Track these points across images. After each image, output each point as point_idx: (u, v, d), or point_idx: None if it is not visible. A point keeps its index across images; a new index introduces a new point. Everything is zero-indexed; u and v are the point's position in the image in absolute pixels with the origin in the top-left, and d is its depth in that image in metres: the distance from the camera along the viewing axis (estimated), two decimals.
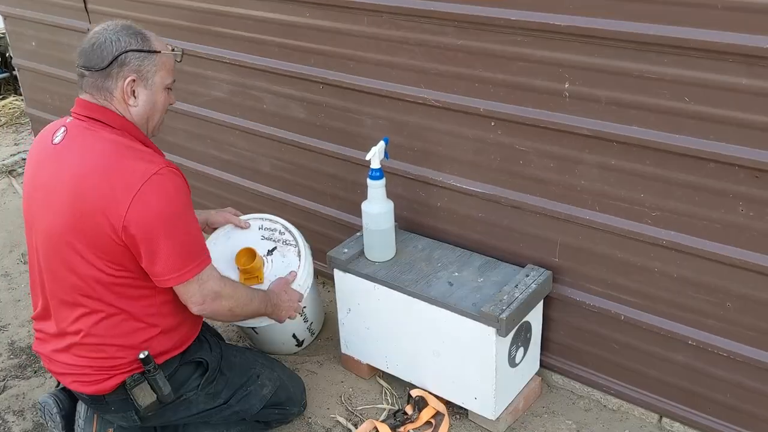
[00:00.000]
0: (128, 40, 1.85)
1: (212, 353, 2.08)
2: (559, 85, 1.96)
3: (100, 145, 1.82)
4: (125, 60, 1.84)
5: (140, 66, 1.86)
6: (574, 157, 2.03)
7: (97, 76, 1.85)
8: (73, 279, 1.85)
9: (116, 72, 1.84)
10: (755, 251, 1.83)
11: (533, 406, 2.32)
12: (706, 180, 1.83)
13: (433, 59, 2.18)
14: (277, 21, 2.54)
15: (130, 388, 1.89)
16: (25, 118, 4.79)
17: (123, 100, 1.87)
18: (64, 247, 1.82)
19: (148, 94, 1.90)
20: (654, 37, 1.74)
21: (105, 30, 1.86)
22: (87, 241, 1.80)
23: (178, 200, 1.82)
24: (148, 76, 1.88)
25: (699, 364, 2.04)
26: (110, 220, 1.76)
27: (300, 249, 2.42)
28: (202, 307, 1.92)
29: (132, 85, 1.86)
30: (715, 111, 1.74)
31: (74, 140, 1.85)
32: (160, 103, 1.94)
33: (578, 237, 2.12)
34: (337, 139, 2.59)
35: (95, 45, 1.84)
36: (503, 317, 2.00)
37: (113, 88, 1.86)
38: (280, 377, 2.21)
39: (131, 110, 1.89)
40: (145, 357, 1.88)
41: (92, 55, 1.84)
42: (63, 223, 1.81)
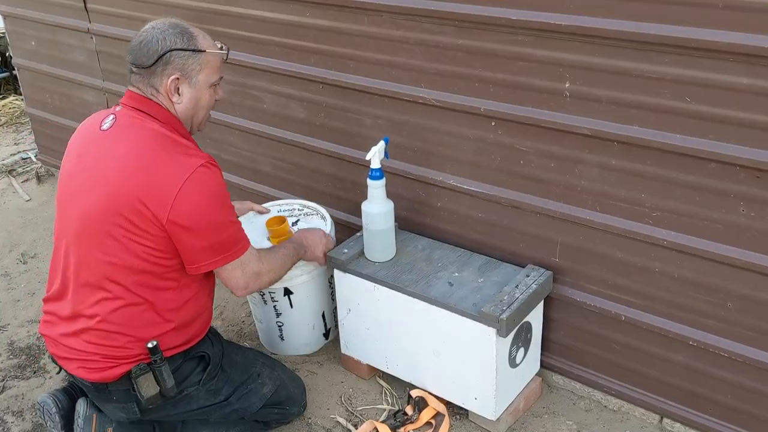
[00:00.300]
0: (174, 39, 1.91)
1: (214, 348, 2.09)
2: (560, 85, 1.95)
3: (147, 135, 1.90)
4: (170, 59, 1.90)
5: (184, 64, 1.92)
6: (574, 157, 2.02)
7: (144, 72, 1.93)
8: (104, 262, 1.88)
9: (161, 70, 1.91)
10: (756, 251, 1.82)
11: (534, 407, 2.32)
12: (707, 180, 1.82)
13: (433, 59, 2.18)
14: (276, 20, 2.54)
15: (135, 377, 1.91)
16: (25, 118, 4.79)
17: (167, 97, 1.95)
18: (102, 229, 1.86)
19: (192, 92, 1.96)
20: (655, 36, 1.74)
21: (153, 28, 1.93)
22: (127, 224, 1.85)
23: (220, 193, 1.91)
24: (192, 74, 1.94)
25: (700, 365, 2.03)
26: (154, 210, 1.82)
27: (323, 213, 2.56)
28: (247, 290, 2.05)
29: (176, 83, 1.93)
30: (715, 111, 1.74)
31: (122, 128, 1.92)
32: (204, 100, 2.00)
33: (579, 237, 2.12)
34: (337, 138, 2.59)
35: (143, 43, 1.91)
36: (503, 318, 1.99)
37: (158, 85, 1.93)
38: (280, 377, 2.20)
39: (176, 107, 1.97)
40: (153, 347, 1.90)
41: (139, 52, 1.91)
42: (104, 207, 1.86)
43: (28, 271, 3.21)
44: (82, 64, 3.43)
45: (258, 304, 2.52)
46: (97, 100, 3.46)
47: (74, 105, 3.62)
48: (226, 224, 1.94)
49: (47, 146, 3.97)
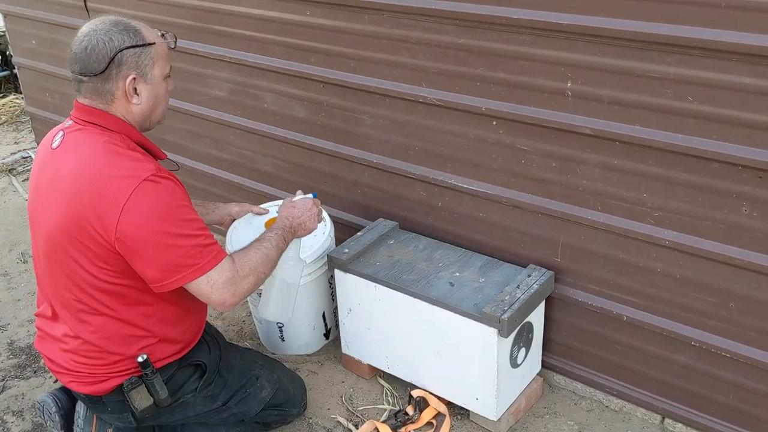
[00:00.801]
0: (121, 38, 1.79)
1: (211, 355, 2.07)
2: (562, 85, 1.95)
3: (92, 153, 1.79)
4: (122, 59, 1.78)
5: (137, 62, 1.81)
6: (576, 157, 2.01)
7: (96, 80, 1.80)
8: (70, 284, 1.83)
9: (115, 73, 1.79)
10: (759, 252, 1.82)
11: (535, 407, 2.31)
12: (710, 180, 1.82)
13: (434, 58, 2.17)
14: (277, 19, 2.53)
15: (127, 391, 1.88)
16: (26, 117, 4.78)
17: (125, 100, 1.83)
18: (61, 251, 1.81)
19: (150, 89, 1.86)
20: (657, 36, 1.73)
21: (95, 31, 1.80)
22: (81, 247, 1.77)
23: (167, 207, 1.77)
24: (147, 70, 1.83)
25: (701, 365, 2.03)
26: (102, 230, 1.73)
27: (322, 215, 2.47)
28: (226, 304, 1.86)
29: (133, 83, 1.82)
30: (718, 111, 1.73)
31: (69, 145, 1.83)
32: (161, 94, 1.91)
33: (580, 237, 2.11)
34: (338, 138, 2.58)
35: (88, 48, 1.78)
36: (505, 318, 1.99)
37: (114, 89, 1.81)
38: (279, 379, 2.19)
39: (134, 108, 1.85)
40: (143, 361, 1.87)
41: (87, 60, 1.78)
42: (59, 228, 1.79)
43: (28, 270, 3.20)
44: None
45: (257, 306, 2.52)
46: None
47: (73, 104, 3.60)
48: (178, 238, 1.77)
49: None
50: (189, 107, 3.01)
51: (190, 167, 3.17)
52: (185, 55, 2.90)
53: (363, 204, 2.63)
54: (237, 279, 1.86)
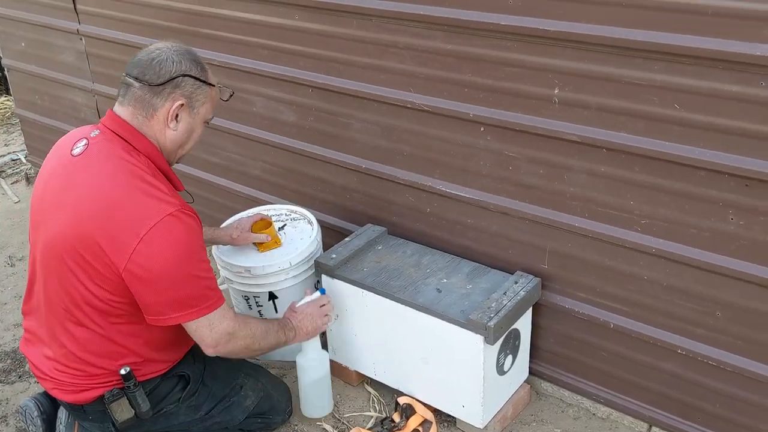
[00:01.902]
0: (189, 66, 1.83)
1: (195, 365, 2.05)
2: (549, 91, 1.94)
3: (118, 170, 1.76)
4: (181, 83, 1.81)
5: (192, 93, 1.84)
6: (563, 164, 2.01)
7: (147, 90, 1.80)
8: (62, 293, 1.82)
9: (168, 92, 1.81)
10: (745, 260, 1.81)
11: (522, 414, 2.30)
12: (696, 188, 1.81)
13: (422, 63, 2.16)
14: (266, 23, 2.52)
15: (108, 403, 1.86)
16: (16, 119, 4.76)
17: (164, 122, 1.83)
18: (59, 261, 1.79)
19: (189, 122, 1.87)
20: (643, 43, 1.73)
21: (168, 49, 1.83)
22: (83, 263, 1.75)
23: (188, 245, 1.75)
24: (196, 105, 1.86)
25: (688, 374, 2.02)
26: (111, 255, 1.71)
27: (310, 219, 2.52)
28: (216, 349, 1.88)
29: (179, 108, 1.83)
30: (704, 118, 1.73)
31: (92, 157, 1.80)
32: (196, 133, 1.92)
33: (567, 244, 2.10)
34: (327, 142, 2.57)
35: (155, 60, 1.80)
36: (491, 325, 1.97)
37: (159, 106, 1.81)
38: (264, 387, 2.17)
39: (168, 134, 1.85)
40: (126, 373, 1.85)
41: (149, 68, 1.80)
42: (63, 239, 1.77)
43: (15, 273, 3.18)
44: (71, 66, 3.41)
45: (243, 309, 2.50)
46: (86, 101, 3.44)
47: (63, 106, 3.59)
48: (191, 279, 1.77)
49: (37, 147, 3.94)
50: None
51: (180, 171, 3.15)
52: None
53: (351, 209, 2.62)
54: (238, 332, 1.90)
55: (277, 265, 2.34)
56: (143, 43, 2.94)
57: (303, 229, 2.51)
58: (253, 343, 1.96)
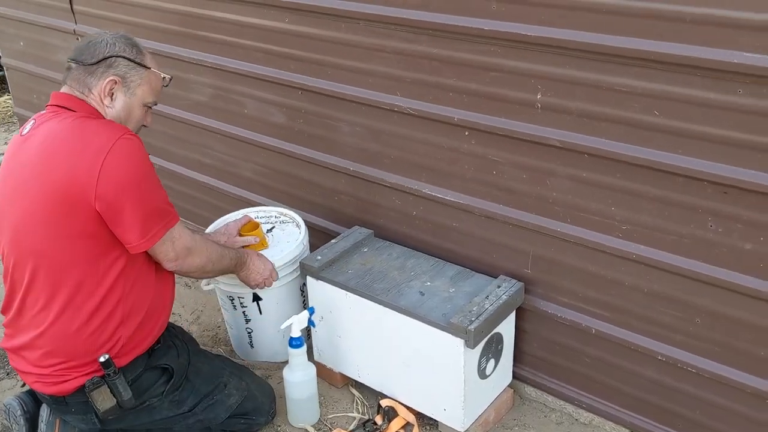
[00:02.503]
0: (123, 47, 1.93)
1: (179, 359, 2.07)
2: (532, 96, 1.95)
3: (63, 122, 1.85)
4: (113, 63, 1.91)
5: (126, 73, 1.93)
6: (546, 169, 2.01)
7: (82, 70, 1.91)
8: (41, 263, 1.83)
9: (101, 71, 1.90)
10: (724, 267, 1.81)
11: (504, 419, 2.30)
12: (676, 195, 1.81)
13: (408, 67, 2.17)
14: (257, 26, 2.54)
15: (89, 391, 1.88)
16: (16, 118, 4.78)
17: (100, 99, 1.92)
18: (36, 229, 1.82)
19: (126, 101, 1.95)
20: (624, 50, 1.73)
21: (105, 33, 1.96)
22: (61, 218, 1.80)
23: (144, 163, 1.86)
24: (131, 85, 1.95)
25: (668, 380, 2.02)
26: (81, 193, 1.77)
27: (298, 222, 2.54)
28: (176, 263, 1.97)
29: (112, 85, 1.91)
30: (683, 125, 1.73)
31: (40, 126, 1.88)
32: (135, 115, 1.99)
33: (550, 249, 2.11)
34: (316, 145, 2.58)
35: (91, 43, 1.92)
36: (471, 329, 1.98)
37: (93, 84, 1.91)
38: (248, 387, 2.19)
39: (106, 110, 1.94)
40: (105, 360, 1.87)
41: (85, 50, 1.91)
42: (34, 205, 1.81)
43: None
44: None
45: (228, 309, 2.52)
46: None
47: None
48: (155, 191, 1.89)
49: None
50: (171, 111, 3.01)
51: (171, 170, 3.18)
52: (168, 60, 2.90)
53: (339, 211, 2.63)
54: (195, 248, 2.01)
55: None
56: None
57: (291, 232, 2.52)
58: (208, 263, 2.07)
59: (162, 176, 3.22)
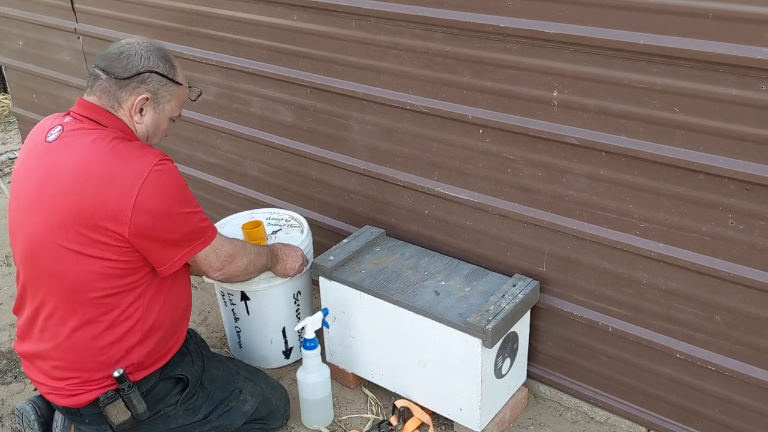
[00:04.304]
0: (157, 62, 1.88)
1: (194, 367, 2.04)
2: (548, 94, 1.93)
3: (97, 144, 1.79)
4: (146, 79, 1.86)
5: (158, 89, 1.89)
6: (562, 167, 2.00)
7: (113, 82, 1.85)
8: (57, 282, 1.80)
9: (134, 86, 1.86)
10: (745, 265, 1.80)
11: (520, 418, 2.29)
12: (696, 192, 1.80)
13: (421, 65, 2.15)
14: (264, 23, 2.51)
15: (103, 405, 1.85)
16: (13, 117, 4.74)
17: (129, 115, 1.88)
18: (56, 247, 1.78)
19: (155, 117, 1.92)
20: (644, 46, 1.72)
21: (138, 44, 1.88)
22: (85, 240, 1.76)
23: (178, 191, 1.84)
24: (161, 101, 1.91)
25: (687, 378, 2.01)
26: (113, 223, 1.75)
27: (303, 228, 2.50)
28: (222, 271, 2.01)
29: (143, 102, 1.87)
30: (705, 122, 1.72)
31: (70, 139, 1.82)
32: (162, 129, 1.98)
33: (566, 247, 2.09)
34: (325, 143, 2.56)
35: (123, 54, 1.85)
36: (489, 328, 1.96)
37: (124, 99, 1.86)
38: (262, 391, 2.16)
39: (136, 126, 1.90)
40: (119, 375, 1.84)
41: (117, 62, 1.85)
42: (58, 223, 1.77)
43: (12, 273, 3.17)
44: (68, 64, 3.39)
45: (221, 306, 2.49)
46: None
47: (60, 105, 3.57)
48: (190, 216, 1.88)
49: None
50: None
51: None
52: None
53: (350, 210, 2.60)
54: (237, 253, 2.04)
55: None
56: None
57: (294, 236, 2.48)
58: (250, 264, 2.10)
59: None
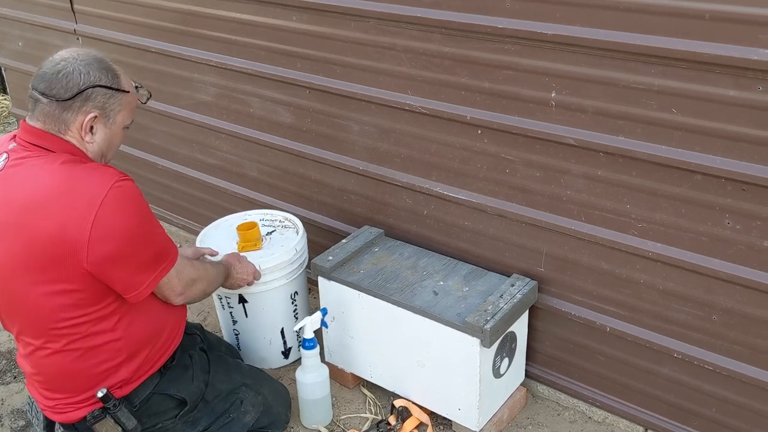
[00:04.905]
0: (98, 75, 1.73)
1: (194, 384, 2.00)
2: (546, 94, 1.94)
3: (45, 171, 1.69)
4: (91, 95, 1.72)
5: (105, 103, 1.75)
6: (560, 167, 2.00)
7: (56, 105, 1.70)
8: (25, 313, 1.75)
9: (78, 105, 1.72)
10: (742, 265, 1.81)
11: (518, 417, 2.30)
12: (693, 192, 1.81)
13: (420, 66, 2.16)
14: (263, 24, 2.52)
15: (91, 425, 1.82)
16: (13, 118, 4.75)
17: (79, 136, 1.75)
18: (14, 282, 1.71)
19: (107, 133, 1.79)
20: (641, 47, 1.72)
21: (75, 60, 1.73)
22: (44, 273, 1.67)
23: (137, 213, 1.73)
24: (111, 114, 1.78)
25: (684, 378, 2.02)
26: (72, 249, 1.64)
27: (298, 229, 2.49)
28: (184, 295, 1.92)
29: (92, 120, 1.74)
30: (702, 123, 1.72)
31: (16, 169, 1.71)
32: (116, 142, 1.85)
33: (564, 247, 2.10)
34: (324, 144, 2.56)
35: (61, 73, 1.70)
36: (487, 328, 1.97)
37: (71, 121, 1.73)
38: (264, 401, 2.14)
39: (87, 146, 1.78)
40: (103, 395, 1.80)
41: (56, 82, 1.70)
42: (12, 258, 1.69)
43: None
44: None
45: (219, 309, 2.50)
46: None
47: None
48: (155, 235, 1.78)
49: None
50: (175, 111, 2.99)
51: (176, 171, 3.15)
52: (171, 59, 2.88)
53: (349, 211, 2.61)
54: (198, 277, 1.97)
55: None
56: (140, 43, 2.96)
57: (289, 237, 2.47)
58: (208, 287, 2.05)
59: (166, 177, 3.22)
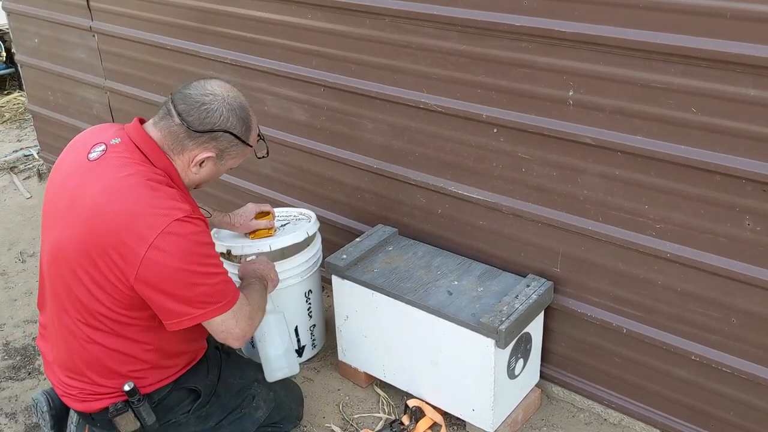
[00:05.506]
0: (235, 123, 1.78)
1: (208, 377, 2.01)
2: (563, 93, 1.92)
3: (130, 180, 1.71)
4: (219, 137, 1.77)
5: (226, 148, 1.80)
6: (577, 167, 1.98)
7: (184, 130, 1.75)
8: (69, 298, 1.77)
9: (203, 141, 1.77)
10: (762, 266, 1.78)
11: (532, 419, 2.28)
12: (713, 193, 1.78)
13: (435, 64, 2.14)
14: (278, 22, 2.51)
15: (112, 416, 1.83)
16: (29, 114, 4.77)
17: (186, 164, 1.80)
18: (69, 270, 1.74)
19: (213, 171, 1.85)
20: (661, 45, 1.70)
21: (223, 100, 1.77)
22: (95, 272, 1.70)
23: (196, 247, 1.71)
24: (226, 158, 1.83)
25: (702, 380, 1.99)
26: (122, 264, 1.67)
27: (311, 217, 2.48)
28: (245, 338, 1.85)
29: (206, 159, 1.79)
30: (722, 122, 1.70)
31: (108, 164, 1.75)
32: (214, 178, 1.91)
33: (580, 247, 2.08)
34: (338, 142, 2.55)
35: (204, 106, 1.74)
36: (502, 329, 1.96)
37: (189, 149, 1.77)
38: (276, 397, 2.14)
39: (188, 173, 1.82)
40: (130, 389, 1.81)
41: (195, 111, 1.74)
42: (73, 246, 1.72)
43: (26, 270, 3.19)
44: (84, 62, 3.41)
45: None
46: (99, 98, 3.44)
47: (76, 103, 3.60)
48: (204, 276, 1.73)
49: (49, 143, 3.95)
50: None
51: None
52: (186, 56, 2.88)
53: (362, 209, 2.60)
54: (253, 311, 1.88)
55: (256, 247, 2.31)
56: (155, 41, 2.96)
57: (302, 226, 2.45)
58: (262, 312, 1.99)
59: None
